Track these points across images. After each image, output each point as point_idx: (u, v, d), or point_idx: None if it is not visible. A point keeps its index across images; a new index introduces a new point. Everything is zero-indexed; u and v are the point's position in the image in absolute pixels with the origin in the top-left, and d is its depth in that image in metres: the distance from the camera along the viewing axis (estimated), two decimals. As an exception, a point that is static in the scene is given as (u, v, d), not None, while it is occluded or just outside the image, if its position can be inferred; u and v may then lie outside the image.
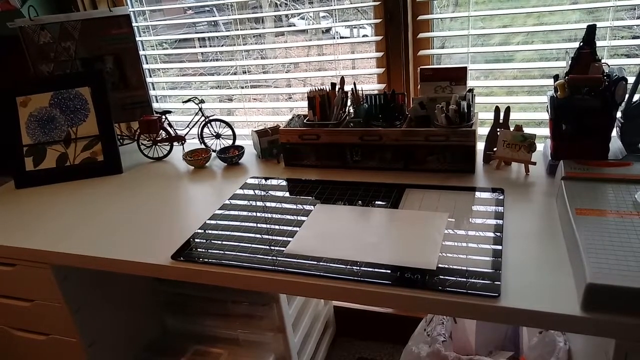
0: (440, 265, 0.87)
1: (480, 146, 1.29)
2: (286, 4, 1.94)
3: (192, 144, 1.58)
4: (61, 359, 1.30)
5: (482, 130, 1.28)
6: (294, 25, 2.17)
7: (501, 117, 1.24)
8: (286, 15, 2.04)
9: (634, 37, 1.40)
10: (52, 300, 1.20)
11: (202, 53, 1.96)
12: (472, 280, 0.82)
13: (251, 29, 1.79)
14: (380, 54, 1.54)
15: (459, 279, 0.83)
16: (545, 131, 1.15)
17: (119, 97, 1.67)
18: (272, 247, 0.99)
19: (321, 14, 1.81)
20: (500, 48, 1.50)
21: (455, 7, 1.55)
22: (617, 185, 0.97)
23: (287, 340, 1.45)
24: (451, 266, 0.86)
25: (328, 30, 1.70)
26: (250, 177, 1.35)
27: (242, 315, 1.47)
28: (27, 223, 1.23)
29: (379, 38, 1.52)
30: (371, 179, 1.25)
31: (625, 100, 1.08)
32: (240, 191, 1.27)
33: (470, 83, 1.46)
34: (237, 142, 1.54)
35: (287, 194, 1.22)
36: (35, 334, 1.29)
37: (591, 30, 1.06)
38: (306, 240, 1.00)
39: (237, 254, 0.98)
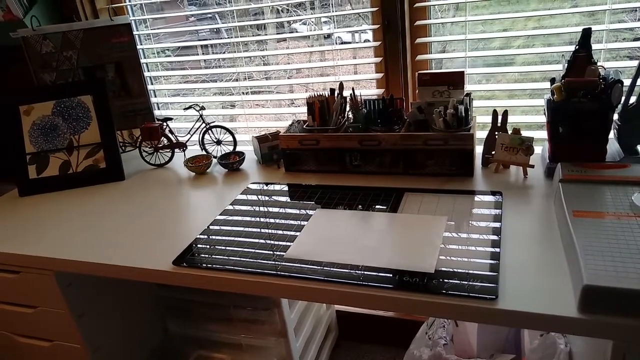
0: (438, 269, 0.87)
1: (479, 149, 1.30)
2: (287, 10, 1.95)
3: (193, 150, 1.59)
4: (65, 365, 1.31)
5: (483, 134, 1.28)
6: (296, 31, 2.18)
7: (499, 120, 1.25)
8: (288, 21, 2.05)
9: (636, 39, 1.40)
10: (55, 307, 1.21)
11: (204, 60, 1.97)
12: (471, 283, 0.82)
13: (253, 35, 1.80)
14: (378, 59, 1.55)
15: (458, 281, 0.83)
16: (547, 134, 1.15)
17: (120, 105, 1.68)
18: (273, 252, 1.00)
19: (323, 19, 1.82)
20: (498, 52, 1.51)
21: (455, 12, 1.56)
22: (615, 188, 0.97)
23: (289, 345, 1.46)
24: (450, 269, 0.87)
25: (330, 35, 1.72)
26: (251, 183, 1.36)
27: (244, 320, 1.47)
28: (31, 230, 1.24)
29: (377, 43, 1.53)
30: (370, 184, 1.26)
31: (621, 102, 1.08)
32: (241, 197, 1.28)
33: (470, 87, 1.47)
34: (238, 148, 1.56)
35: (287, 199, 1.23)
36: (39, 340, 1.30)
37: (586, 34, 1.07)
38: (306, 244, 1.01)
39: (239, 259, 0.99)
